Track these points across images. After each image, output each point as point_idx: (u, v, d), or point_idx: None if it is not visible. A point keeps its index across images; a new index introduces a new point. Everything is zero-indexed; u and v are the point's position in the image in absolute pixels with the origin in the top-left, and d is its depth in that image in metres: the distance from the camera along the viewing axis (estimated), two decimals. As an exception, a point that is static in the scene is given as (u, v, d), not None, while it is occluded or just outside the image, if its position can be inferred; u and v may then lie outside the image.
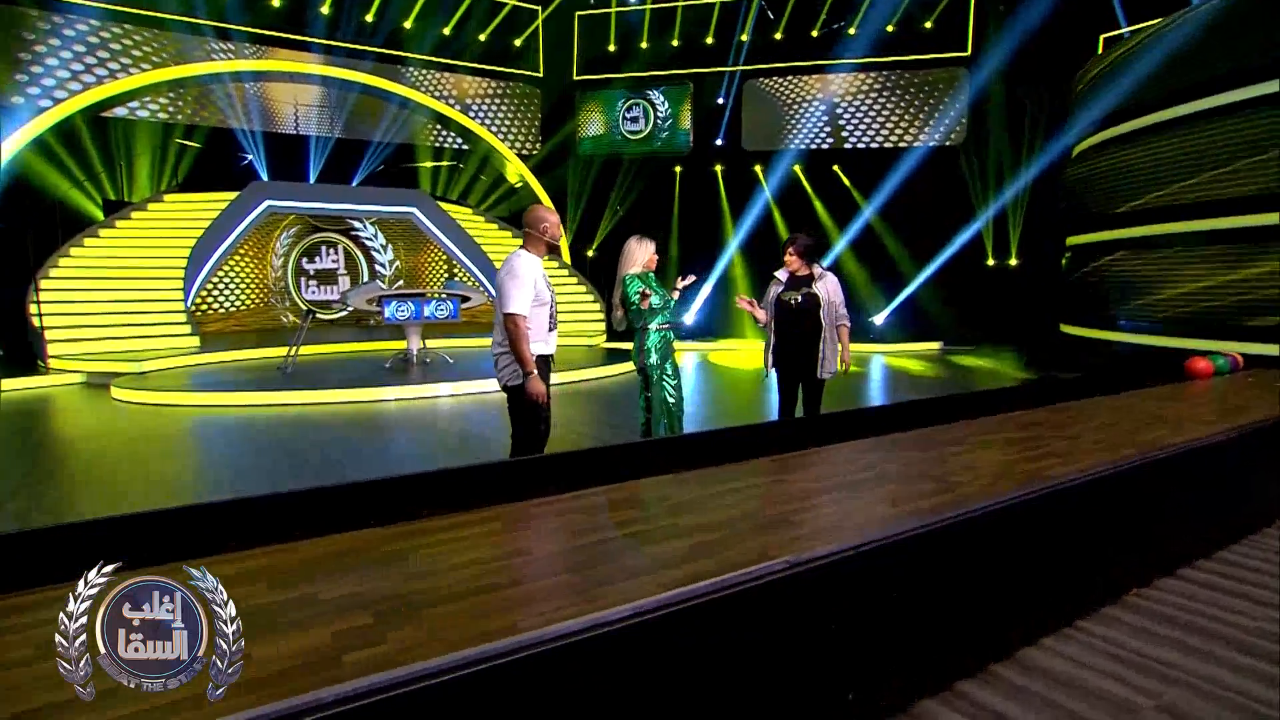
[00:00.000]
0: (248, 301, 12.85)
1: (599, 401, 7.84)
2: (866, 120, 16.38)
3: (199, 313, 12.03)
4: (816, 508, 2.51)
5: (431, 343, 10.35)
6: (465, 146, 16.17)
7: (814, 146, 16.78)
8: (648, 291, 4.15)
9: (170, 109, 12.76)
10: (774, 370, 4.73)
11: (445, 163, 16.17)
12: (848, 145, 16.53)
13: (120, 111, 12.06)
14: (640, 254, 4.32)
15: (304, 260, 13.74)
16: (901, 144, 15.99)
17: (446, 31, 15.56)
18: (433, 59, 15.42)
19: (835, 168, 16.31)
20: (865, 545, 2.07)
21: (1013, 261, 14.69)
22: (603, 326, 13.71)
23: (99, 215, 11.33)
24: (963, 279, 14.13)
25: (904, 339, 13.18)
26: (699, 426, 6.17)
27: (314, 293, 13.74)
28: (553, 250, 3.50)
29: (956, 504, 2.52)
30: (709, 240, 16.29)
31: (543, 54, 17.25)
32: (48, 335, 8.96)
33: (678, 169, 17.40)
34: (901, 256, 14.83)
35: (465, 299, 9.75)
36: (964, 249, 14.53)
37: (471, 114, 16.20)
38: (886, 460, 3.17)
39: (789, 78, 16.63)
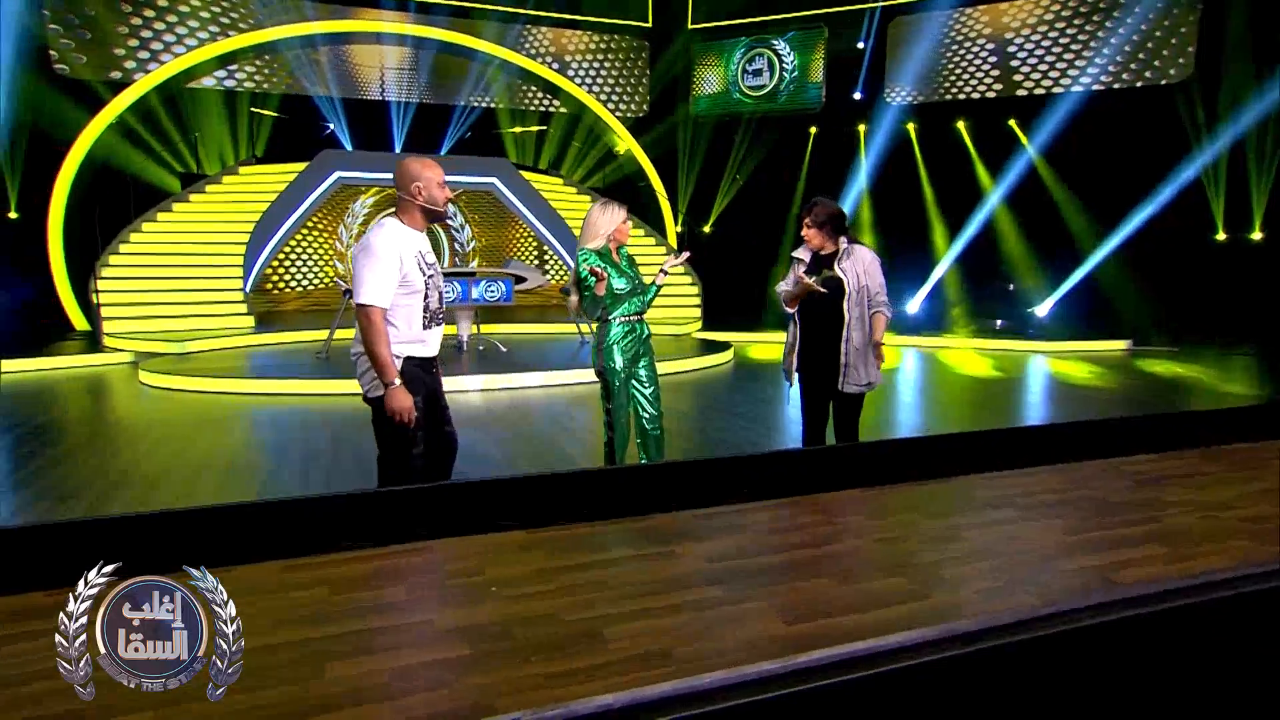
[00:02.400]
0: (326, 280, 13.50)
1: (686, 397, 7.30)
2: (1049, 59, 14.33)
3: (274, 290, 12.80)
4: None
5: (487, 328, 10.24)
6: (563, 109, 16.03)
7: (979, 95, 14.97)
8: (602, 271, 3.51)
9: (255, 78, 13.64)
10: (797, 377, 3.93)
11: (534, 128, 16.14)
12: (1021, 92, 14.57)
13: (208, 82, 13.04)
14: (603, 223, 3.71)
15: (384, 235, 14.23)
16: (1096, 86, 13.82)
17: (546, -18, 15.47)
18: (527, 11, 15.36)
19: (1011, 122, 14.42)
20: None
21: (1255, 235, 12.21)
22: (698, 314, 13.04)
23: (176, 189, 12.32)
24: (1170, 258, 11.89)
25: (1076, 336, 11.33)
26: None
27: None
28: (435, 218, 2.92)
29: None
30: (851, 218, 14.99)
31: (652, 1, 16.72)
32: (103, 313, 9.80)
33: (812, 130, 16.24)
34: (1083, 231, 12.79)
35: (520, 280, 9.50)
36: (1177, 219, 12.22)
37: (570, 73, 16.03)
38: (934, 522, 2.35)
39: (946, 11, 14.91)
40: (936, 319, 13.28)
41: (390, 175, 11.39)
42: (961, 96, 15.23)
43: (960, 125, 14.93)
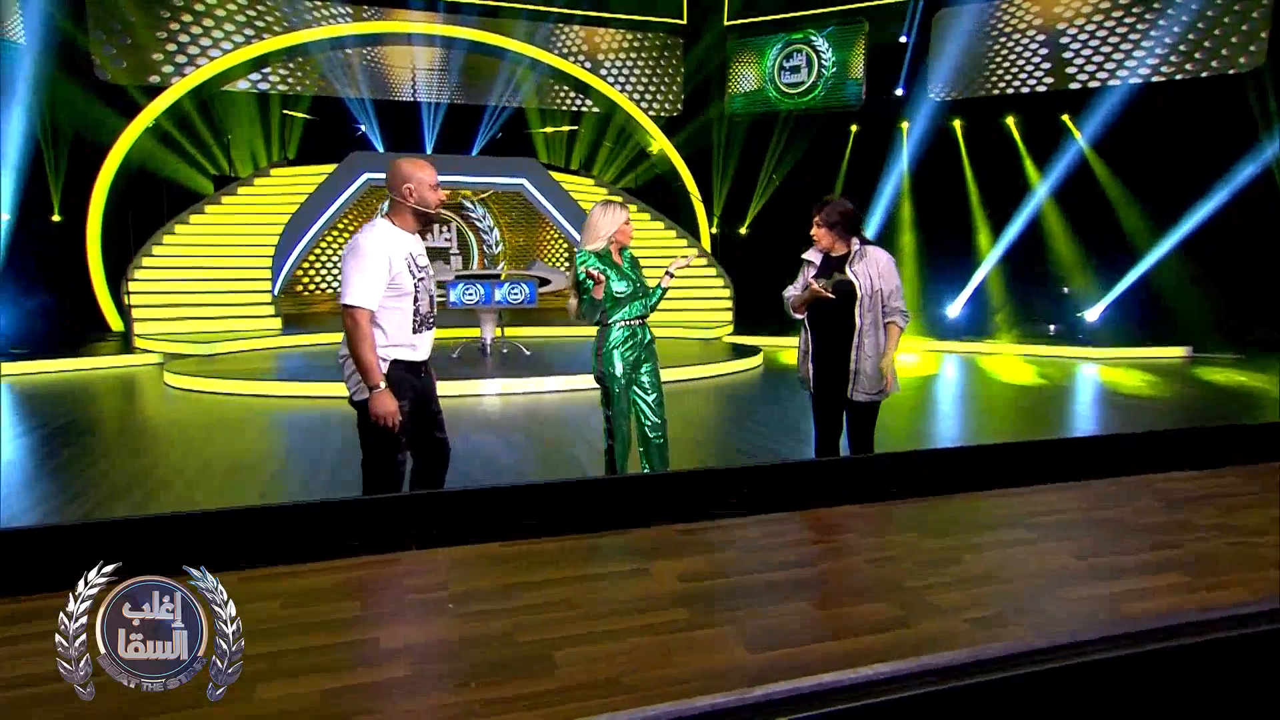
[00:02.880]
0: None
1: (709, 402, 7.20)
2: (1105, 50, 13.85)
3: (302, 292, 13.05)
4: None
5: (512, 331, 10.28)
6: (595, 109, 16.06)
7: (1028, 90, 14.54)
8: (599, 275, 3.44)
9: (288, 80, 13.95)
10: (812, 384, 3.81)
11: (565, 128, 16.19)
12: (1074, 85, 14.11)
13: (242, 85, 13.38)
14: (604, 224, 3.65)
15: (414, 236, 14.41)
16: (1156, 77, 13.30)
17: (577, -22, 15.51)
18: (558, 10, 15.42)
19: (1065, 117, 13.96)
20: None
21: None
22: (729, 317, 12.91)
23: (210, 191, 12.65)
24: (1234, 257, 11.34)
25: (1130, 342, 10.90)
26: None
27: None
28: (427, 221, 2.90)
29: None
30: (890, 220, 14.67)
31: (688, -2, 16.66)
32: (134, 314, 10.09)
33: (853, 128, 15.97)
34: (1139, 229, 12.31)
35: (545, 282, 9.51)
36: (1242, 216, 11.65)
37: (603, 72, 16.05)
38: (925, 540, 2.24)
39: (994, 2, 14.54)
40: (979, 323, 12.92)
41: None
42: (1010, 91, 14.81)
43: (1009, 121, 14.51)
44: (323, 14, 13.78)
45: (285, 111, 13.79)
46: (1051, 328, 12.30)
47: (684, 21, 16.73)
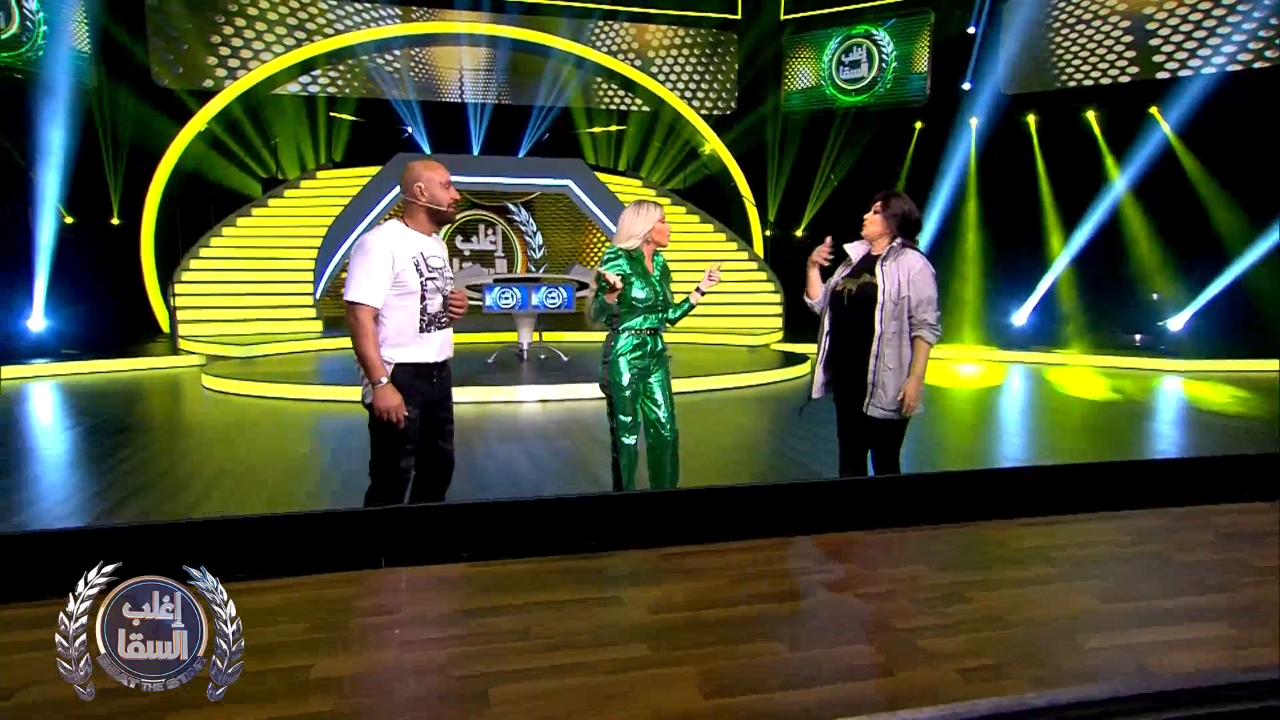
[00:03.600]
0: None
1: (749, 413, 7.06)
2: (1198, 35, 13.12)
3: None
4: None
5: (550, 336, 10.29)
6: (644, 108, 16.04)
7: (1109, 80, 13.89)
8: (617, 282, 3.35)
9: (338, 83, 14.35)
10: (829, 397, 3.64)
11: (614, 127, 16.20)
12: (1162, 74, 13.40)
13: (292, 88, 13.82)
14: (637, 224, 3.56)
15: (459, 238, 14.63)
16: (1258, 63, 12.53)
17: (627, -26, 15.53)
18: (607, 6, 15.46)
19: (1153, 109, 13.26)
20: None
21: None
22: (779, 324, 12.68)
23: (258, 194, 13.08)
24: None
25: (1218, 354, 10.25)
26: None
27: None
28: (441, 220, 2.91)
29: None
30: (954, 221, 14.21)
31: (742, -9, 16.50)
32: (179, 316, 10.48)
33: (918, 124, 15.54)
34: (1234, 231, 11.59)
35: (583, 285, 9.48)
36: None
37: (653, 70, 16.02)
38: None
39: (1072, -12, 13.97)
40: (1048, 332, 12.35)
41: (464, 178, 11.64)
42: (1088, 82, 14.17)
43: (1089, 115, 13.88)
44: (370, 16, 14.12)
45: (332, 114, 14.18)
46: (1137, 337, 11.67)
47: (738, 16, 16.57)
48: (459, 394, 7.28)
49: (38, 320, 10.75)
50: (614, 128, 16.32)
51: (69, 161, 11.43)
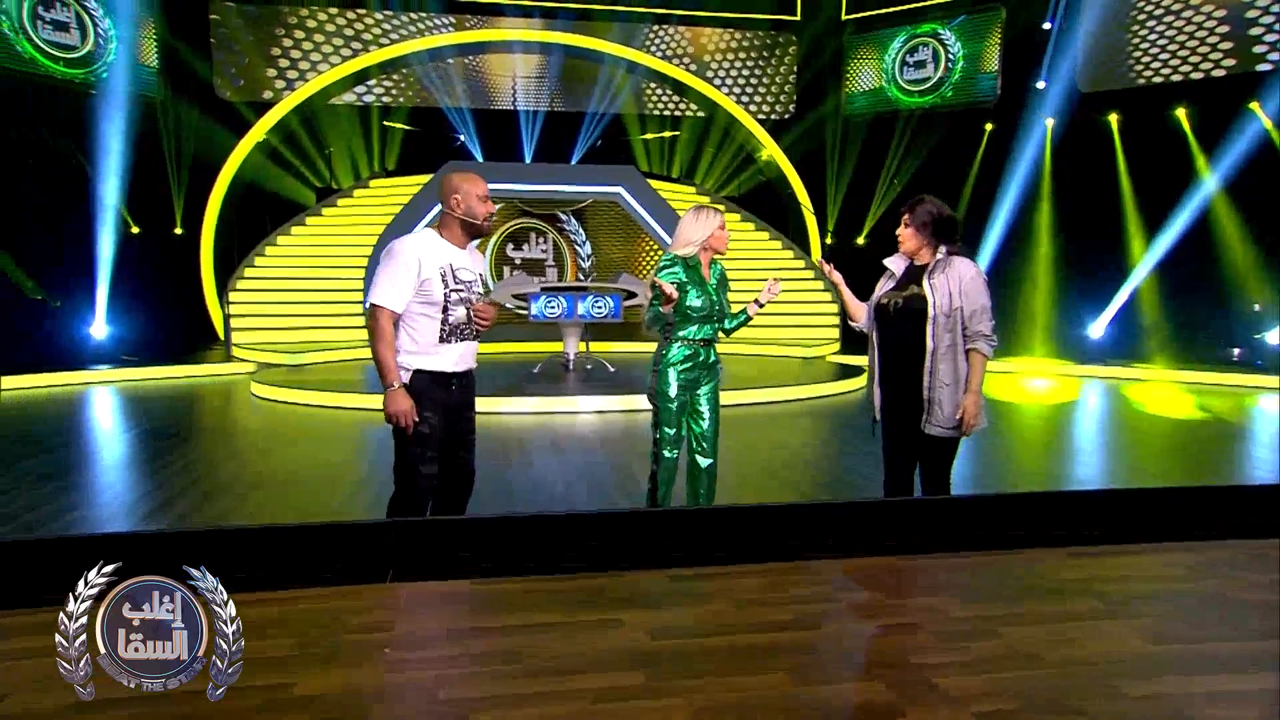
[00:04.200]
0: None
1: (799, 427, 6.95)
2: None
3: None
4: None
5: (597, 346, 10.30)
6: (700, 113, 16.02)
7: (1201, 75, 13.23)
8: (673, 292, 3.32)
9: (392, 92, 14.75)
10: (880, 415, 3.53)
11: (668, 133, 16.21)
12: (1264, 66, 12.68)
13: (348, 98, 14.27)
14: (696, 230, 3.52)
15: (509, 246, 14.82)
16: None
17: (682, -23, 15.54)
18: (660, 10, 15.49)
19: (1254, 105, 12.57)
20: None
21: None
22: (835, 335, 12.44)
23: (312, 203, 13.52)
24: None
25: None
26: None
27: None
28: (475, 233, 2.95)
29: None
30: (1025, 227, 13.72)
31: (801, -9, 16.34)
32: (232, 324, 10.86)
33: (988, 126, 15.12)
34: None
35: (630, 295, 9.47)
36: None
37: (709, 74, 15.99)
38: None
39: (1158, -21, 13.38)
40: (1128, 345, 11.78)
41: (515, 186, 11.78)
42: (1177, 78, 13.53)
43: (1179, 113, 13.23)
44: (424, 25, 14.47)
45: (385, 123, 14.57)
46: (1235, 351, 11.05)
47: (797, 17, 16.41)
48: (502, 404, 7.45)
49: (100, 327, 11.30)
50: (667, 134, 16.33)
51: (135, 173, 12.05)
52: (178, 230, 13.10)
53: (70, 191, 11.33)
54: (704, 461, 3.58)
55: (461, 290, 2.90)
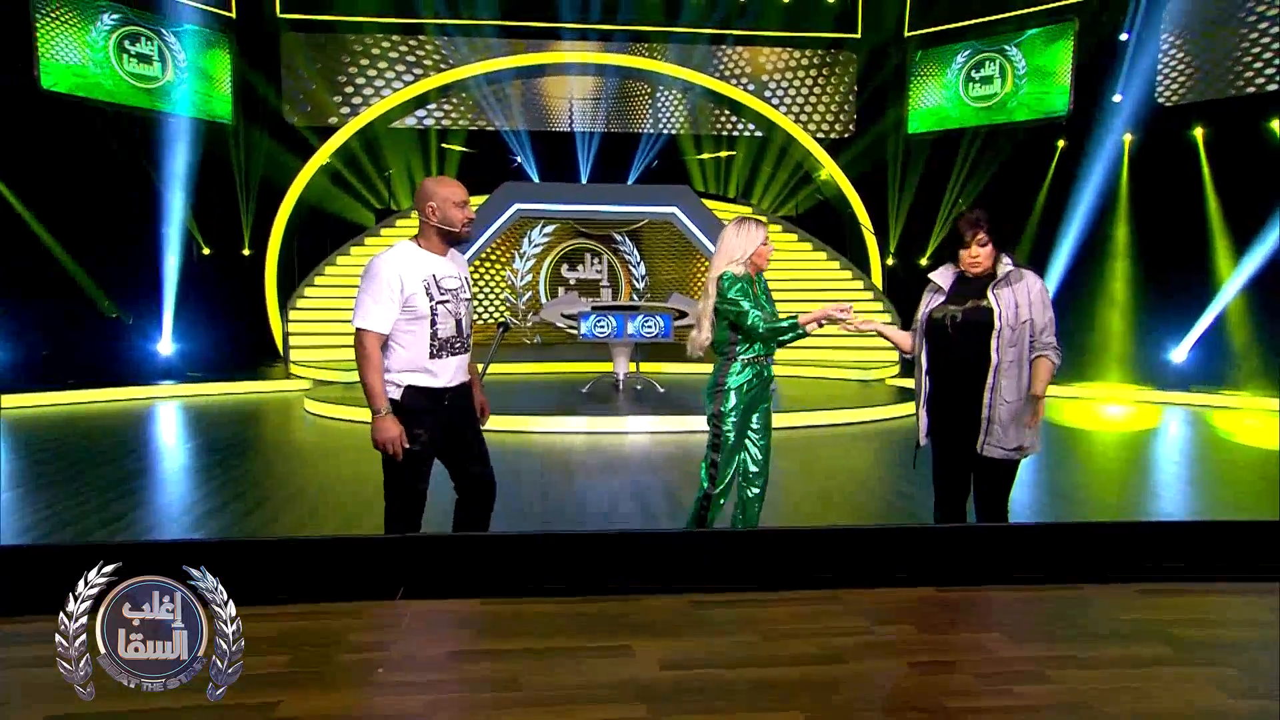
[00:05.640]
0: (500, 311, 14.35)
1: (855, 451, 6.75)
2: None
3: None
4: None
5: (647, 367, 10.21)
6: (757, 133, 15.92)
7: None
8: (742, 306, 3.23)
9: (451, 115, 15.09)
10: (928, 438, 3.35)
11: (724, 153, 16.14)
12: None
13: (409, 121, 14.65)
14: (739, 245, 3.38)
15: (564, 266, 14.90)
16: None
17: (741, -1, 15.51)
18: (717, 30, 15.51)
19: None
20: None
21: None
22: (895, 356, 12.07)
23: (372, 224, 13.86)
24: None
25: None
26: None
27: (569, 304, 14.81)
28: (453, 240, 2.88)
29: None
30: (1100, 246, 13.16)
31: (862, 8, 16.16)
32: (291, 341, 11.14)
33: (1060, 143, 14.62)
34: None
35: (681, 314, 9.37)
36: None
37: (767, 94, 15.90)
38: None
39: (1243, -16, 12.77)
40: (1214, 370, 11.10)
41: (570, 206, 11.85)
42: (1271, 87, 12.82)
43: (1274, 124, 12.52)
44: (481, 50, 14.79)
45: (443, 145, 14.89)
46: None
47: (857, 35, 16.22)
48: (551, 423, 7.39)
49: (167, 344, 11.74)
50: (724, 153, 16.27)
51: (207, 196, 12.59)
52: (245, 251, 13.59)
53: (145, 213, 11.89)
54: (753, 483, 3.43)
55: (447, 300, 2.84)
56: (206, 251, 13.13)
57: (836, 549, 2.44)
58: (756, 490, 3.45)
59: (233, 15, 13.57)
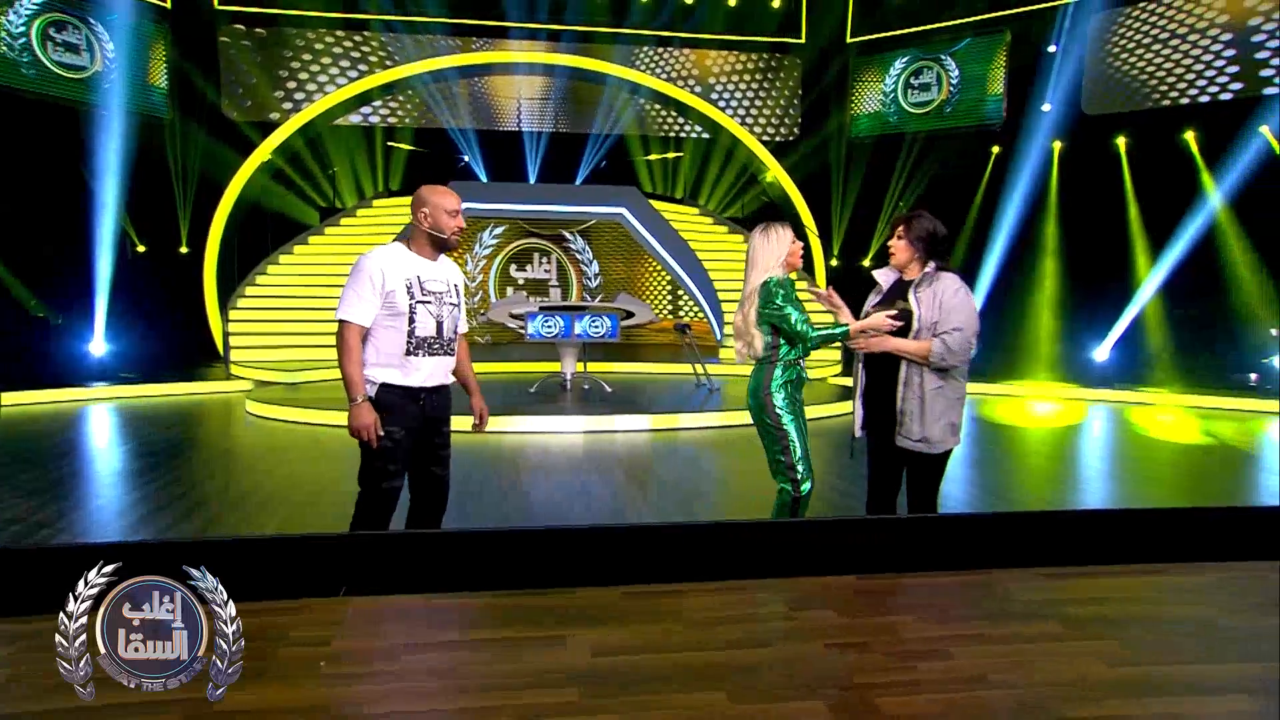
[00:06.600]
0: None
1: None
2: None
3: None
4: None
5: (595, 366, 10.29)
6: (704, 135, 16.12)
7: (1208, 98, 13.22)
8: (789, 313, 3.31)
9: (398, 113, 14.94)
10: (864, 430, 3.51)
11: (672, 154, 16.31)
12: (1271, 90, 12.66)
13: (354, 119, 14.45)
14: (768, 251, 3.41)
15: (513, 267, 14.88)
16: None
17: (689, 0, 15.66)
18: (665, 33, 15.66)
19: (1264, 129, 12.52)
20: None
21: None
22: (836, 356, 12.38)
23: (316, 222, 13.65)
24: None
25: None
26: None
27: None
28: (442, 247, 2.98)
29: None
30: (1030, 249, 13.67)
31: (806, 14, 16.48)
32: (232, 342, 10.92)
33: (995, 149, 15.14)
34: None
35: (628, 315, 9.48)
36: None
37: (714, 96, 16.11)
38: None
39: (1164, 1, 13.41)
40: (1133, 369, 11.68)
41: (517, 206, 11.86)
42: (1185, 101, 13.52)
43: (1188, 136, 13.20)
44: (428, 47, 14.67)
45: (389, 144, 14.73)
46: (1252, 376, 10.91)
47: (801, 40, 16.54)
48: (499, 424, 7.40)
49: (99, 344, 11.37)
50: (671, 155, 16.44)
51: (142, 192, 12.21)
52: (183, 248, 13.24)
53: (75, 210, 11.48)
54: (804, 477, 3.42)
55: (429, 301, 2.92)
56: (141, 249, 12.76)
57: (765, 541, 2.56)
58: (805, 490, 3.49)
59: (168, 6, 13.21)
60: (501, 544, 2.38)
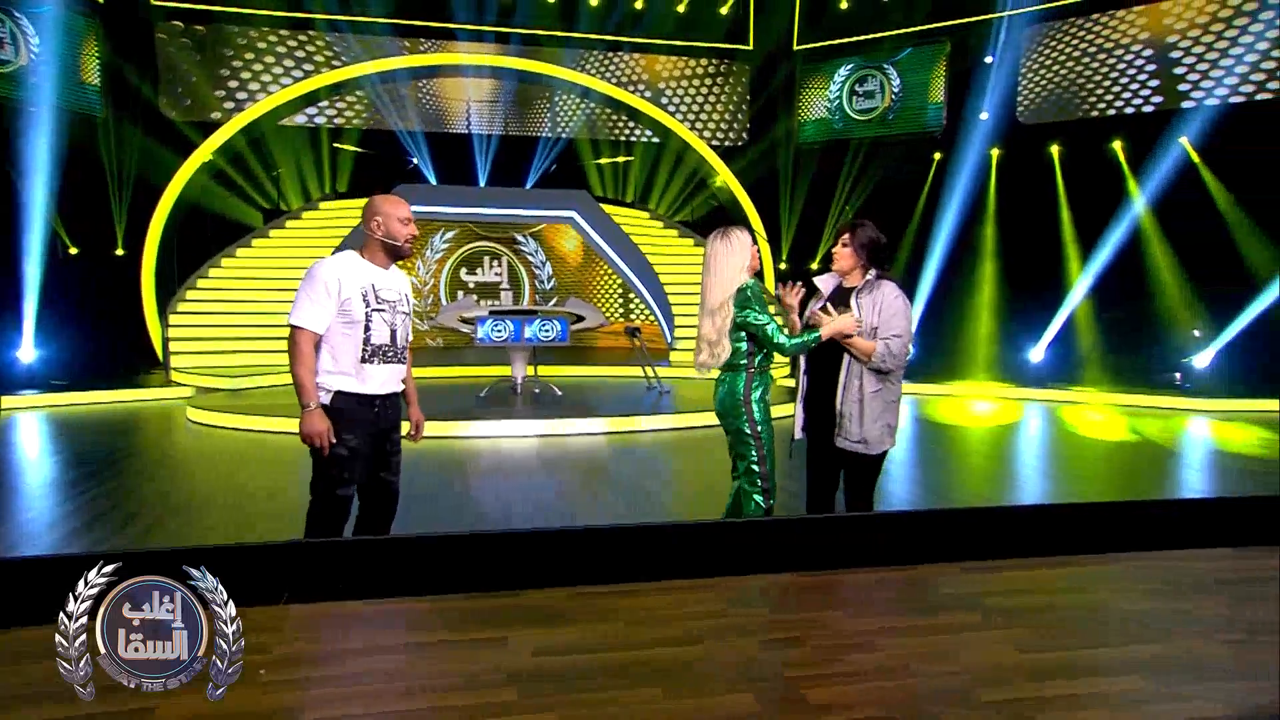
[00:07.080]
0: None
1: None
2: (1225, 63, 13.03)
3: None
4: None
5: (545, 370, 10.30)
6: (654, 139, 16.24)
7: (1132, 110, 13.82)
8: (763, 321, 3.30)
9: (345, 114, 14.72)
10: (804, 432, 3.62)
11: (622, 158, 16.39)
12: (1189, 103, 13.30)
13: (300, 119, 14.19)
14: (738, 257, 3.32)
15: (463, 270, 14.79)
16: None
17: (638, 5, 15.78)
18: (618, 38, 15.74)
19: (1183, 140, 13.13)
20: None
21: None
22: (786, 360, 12.61)
23: (260, 224, 13.37)
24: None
25: (1248, 393, 10.01)
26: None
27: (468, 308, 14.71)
28: (395, 255, 3.00)
29: None
30: (969, 254, 14.09)
31: (753, 21, 16.73)
32: (171, 347, 10.65)
33: (937, 155, 15.55)
34: (1264, 262, 11.39)
35: (578, 318, 9.52)
36: None
37: (664, 100, 16.24)
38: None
39: (1092, 17, 13.99)
40: (1065, 369, 12.16)
41: (466, 210, 11.78)
42: (1112, 112, 14.11)
43: (1116, 145, 13.78)
44: (375, 48, 14.49)
45: (336, 145, 14.51)
46: (1177, 375, 11.42)
47: (749, 46, 16.79)
48: (449, 428, 7.38)
49: (28, 351, 10.96)
50: (621, 159, 16.52)
51: (74, 192, 11.78)
52: (119, 251, 12.83)
53: (0, 209, 11.05)
54: (770, 483, 3.36)
55: (384, 310, 2.95)
56: (74, 251, 12.33)
57: (710, 541, 2.64)
58: (770, 499, 3.53)
59: (99, 1, 12.80)
60: (449, 548, 2.41)
